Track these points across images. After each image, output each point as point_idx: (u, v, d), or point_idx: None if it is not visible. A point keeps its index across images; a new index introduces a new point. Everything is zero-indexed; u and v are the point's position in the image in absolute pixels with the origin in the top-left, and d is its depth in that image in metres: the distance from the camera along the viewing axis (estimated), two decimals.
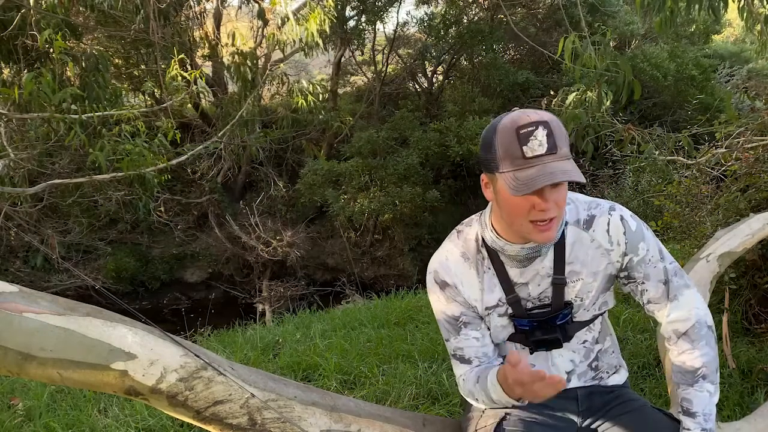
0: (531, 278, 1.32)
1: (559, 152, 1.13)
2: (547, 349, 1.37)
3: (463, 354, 1.37)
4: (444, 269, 1.35)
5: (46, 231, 8.45)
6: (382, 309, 4.99)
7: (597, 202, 1.34)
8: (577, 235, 1.31)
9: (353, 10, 13.09)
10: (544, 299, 1.33)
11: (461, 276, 1.35)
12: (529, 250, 1.27)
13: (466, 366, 1.37)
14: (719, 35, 18.19)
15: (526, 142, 1.12)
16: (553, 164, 1.12)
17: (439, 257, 1.37)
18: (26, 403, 3.02)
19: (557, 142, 1.13)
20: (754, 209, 3.16)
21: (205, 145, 6.22)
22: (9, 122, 4.79)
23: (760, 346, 3.18)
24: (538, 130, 1.12)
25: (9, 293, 1.09)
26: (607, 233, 1.30)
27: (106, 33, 9.23)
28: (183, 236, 12.55)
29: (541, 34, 13.35)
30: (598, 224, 1.31)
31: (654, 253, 1.32)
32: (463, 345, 1.37)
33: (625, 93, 3.00)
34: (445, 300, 1.36)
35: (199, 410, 1.22)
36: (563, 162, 1.13)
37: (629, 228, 1.31)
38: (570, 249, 1.31)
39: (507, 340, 1.39)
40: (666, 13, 2.81)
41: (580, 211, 1.32)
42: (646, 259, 1.32)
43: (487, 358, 1.37)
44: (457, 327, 1.36)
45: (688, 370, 1.31)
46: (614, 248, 1.31)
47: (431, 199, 11.24)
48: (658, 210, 5.52)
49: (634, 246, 1.31)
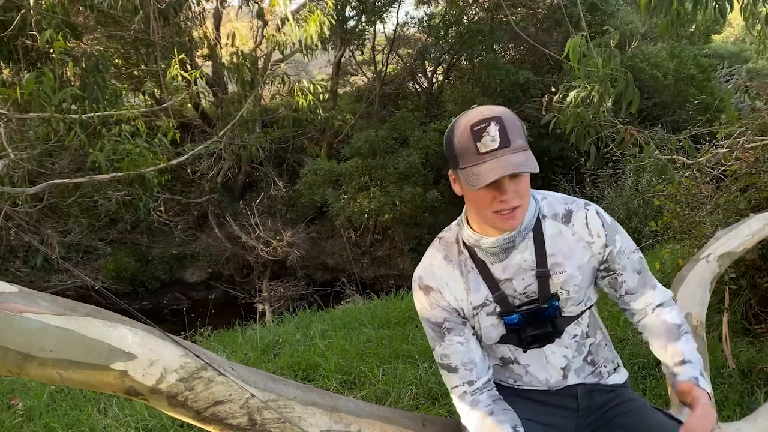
0: (514, 273, 1.34)
1: (513, 145, 1.18)
2: (539, 345, 1.38)
3: (450, 362, 1.38)
4: (428, 274, 1.38)
5: (46, 231, 8.45)
6: (382, 309, 5.00)
7: (571, 198, 1.39)
8: (556, 228, 1.34)
9: (353, 10, 13.10)
10: (531, 294, 1.34)
11: (446, 278, 1.37)
12: (504, 240, 1.30)
13: (454, 377, 1.38)
14: (719, 35, 18.19)
15: (480, 139, 1.18)
16: (505, 157, 1.17)
17: (423, 264, 1.41)
18: (26, 403, 3.02)
19: (509, 136, 1.18)
20: (754, 209, 3.16)
21: (205, 145, 6.22)
22: (9, 122, 4.79)
23: (760, 346, 3.18)
24: (491, 126, 1.18)
25: (9, 293, 1.09)
26: (586, 226, 1.34)
27: (106, 33, 9.24)
28: (183, 236, 12.55)
29: (541, 33, 13.34)
30: (576, 218, 1.35)
31: (628, 245, 1.38)
32: (448, 352, 1.38)
33: (625, 103, 3.01)
34: (429, 306, 1.38)
35: (199, 410, 1.22)
36: (516, 154, 1.17)
37: (605, 221, 1.36)
38: (550, 241, 1.33)
39: (499, 342, 1.39)
40: (672, 15, 2.81)
41: (556, 206, 1.36)
42: (623, 250, 1.37)
43: (474, 365, 1.37)
44: (441, 333, 1.38)
45: (670, 326, 1.38)
46: (595, 240, 1.35)
47: (432, 200, 11.24)
48: (658, 210, 5.52)
49: (612, 238, 1.36)
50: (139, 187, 4.32)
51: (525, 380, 1.43)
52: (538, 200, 1.35)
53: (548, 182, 11.29)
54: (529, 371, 1.42)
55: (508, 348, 1.41)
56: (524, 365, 1.41)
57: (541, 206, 1.35)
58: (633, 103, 3.02)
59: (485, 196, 1.21)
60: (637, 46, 13.30)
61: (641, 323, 1.43)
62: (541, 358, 1.40)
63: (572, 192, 9.45)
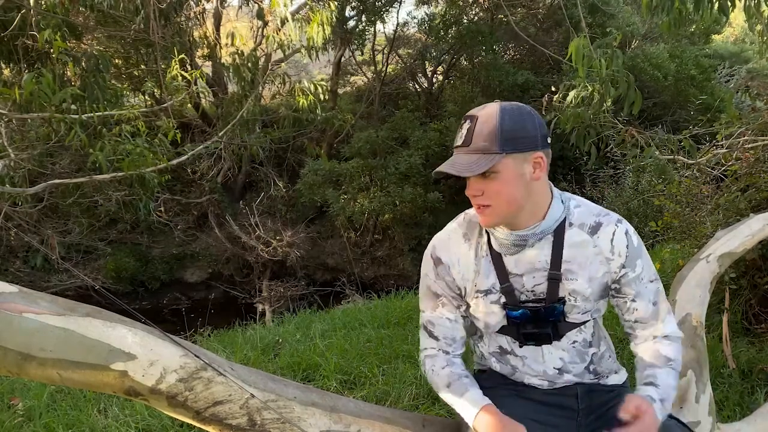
0: (526, 270, 1.34)
1: (471, 146, 1.22)
2: (536, 343, 1.38)
3: (432, 330, 1.43)
4: (443, 246, 1.40)
5: (46, 231, 8.44)
6: (382, 309, 4.99)
7: (606, 212, 1.37)
8: (579, 237, 1.33)
9: (353, 10, 13.09)
10: (539, 294, 1.35)
11: (459, 254, 1.38)
12: (516, 237, 1.30)
13: (432, 342, 1.43)
14: (719, 35, 18.18)
15: (458, 132, 1.26)
16: (459, 156, 1.23)
17: (441, 235, 1.43)
18: (26, 403, 3.02)
19: (473, 137, 1.22)
20: (754, 209, 3.16)
21: (205, 145, 6.21)
22: (9, 122, 4.79)
23: (760, 346, 3.18)
24: (466, 123, 1.24)
25: (9, 293, 1.09)
26: (610, 242, 1.33)
27: (106, 33, 9.24)
28: (183, 236, 12.55)
29: (541, 34, 13.33)
30: (604, 232, 1.33)
31: (648, 274, 1.36)
32: (435, 321, 1.42)
33: (627, 104, 3.02)
34: (434, 276, 1.40)
35: (198, 411, 1.22)
36: (469, 155, 1.22)
37: (632, 243, 1.34)
38: (570, 248, 1.32)
39: (498, 332, 1.40)
40: (674, 14, 2.81)
41: (587, 216, 1.35)
42: (641, 277, 1.35)
43: (454, 341, 1.42)
44: (435, 303, 1.41)
45: (661, 354, 1.36)
46: (614, 258, 1.33)
47: (433, 200, 11.24)
48: (658, 210, 5.53)
49: (633, 261, 1.34)
50: (140, 188, 4.32)
51: (522, 370, 1.43)
52: (570, 207, 1.35)
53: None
54: (525, 363, 1.43)
55: (507, 339, 1.42)
56: (521, 357, 1.43)
57: (572, 213, 1.34)
58: (635, 104, 3.03)
59: (467, 188, 1.27)
60: (638, 47, 13.29)
61: (636, 350, 1.42)
62: (537, 356, 1.41)
63: (572, 192, 9.44)
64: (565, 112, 3.43)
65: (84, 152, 4.37)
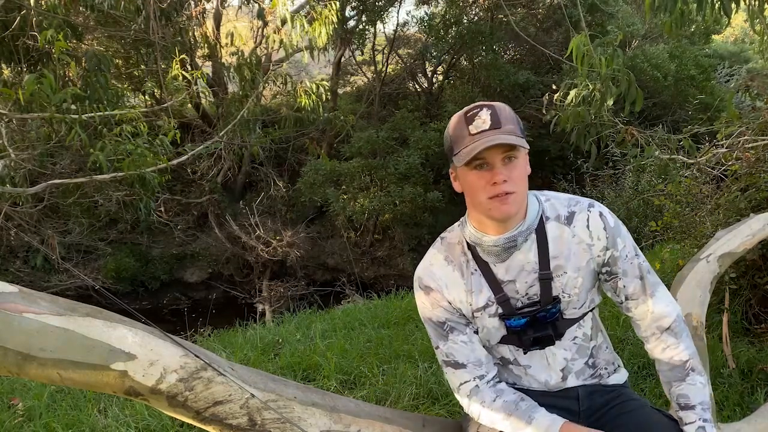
0: (517, 275, 1.34)
1: (504, 128, 1.21)
2: (540, 347, 1.38)
3: (456, 359, 1.38)
4: (428, 275, 1.39)
5: (46, 231, 8.44)
6: (382, 309, 4.99)
7: (576, 199, 1.37)
8: (558, 230, 1.33)
9: (353, 10, 13.09)
10: (533, 296, 1.34)
11: (445, 279, 1.37)
12: (505, 240, 1.30)
13: (462, 372, 1.37)
14: (719, 35, 18.17)
15: (472, 122, 1.23)
16: (494, 136, 1.20)
17: (423, 264, 1.41)
18: (26, 403, 3.02)
19: (501, 119, 1.22)
20: (754, 209, 3.16)
21: (205, 145, 6.22)
22: (10, 122, 4.79)
23: (760, 346, 3.18)
24: (482, 111, 1.23)
25: (9, 293, 1.09)
26: (587, 228, 1.33)
27: (106, 33, 9.23)
28: (183, 236, 12.55)
29: (541, 34, 13.33)
30: (578, 220, 1.33)
31: (630, 250, 1.36)
32: (452, 350, 1.38)
33: (628, 103, 3.02)
34: (430, 305, 1.38)
35: (198, 411, 1.22)
36: (506, 135, 1.20)
37: (608, 223, 1.34)
38: (553, 243, 1.33)
39: (500, 342, 1.40)
40: (677, 14, 2.81)
41: (559, 207, 1.35)
42: (623, 255, 1.35)
43: (481, 363, 1.38)
44: (444, 333, 1.38)
45: (676, 364, 1.34)
46: (595, 243, 1.33)
47: (433, 200, 11.24)
48: (658, 210, 5.53)
49: (614, 240, 1.34)
50: (140, 188, 4.32)
51: (524, 381, 1.43)
52: (541, 201, 1.35)
53: (548, 182, 11.30)
54: (528, 372, 1.42)
55: (509, 348, 1.41)
56: (524, 366, 1.42)
57: (545, 207, 1.34)
58: (636, 102, 3.03)
59: (480, 180, 1.23)
60: (638, 47, 13.29)
61: (647, 347, 1.40)
62: (542, 359, 1.40)
63: (572, 192, 9.44)
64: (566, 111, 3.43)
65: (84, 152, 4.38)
